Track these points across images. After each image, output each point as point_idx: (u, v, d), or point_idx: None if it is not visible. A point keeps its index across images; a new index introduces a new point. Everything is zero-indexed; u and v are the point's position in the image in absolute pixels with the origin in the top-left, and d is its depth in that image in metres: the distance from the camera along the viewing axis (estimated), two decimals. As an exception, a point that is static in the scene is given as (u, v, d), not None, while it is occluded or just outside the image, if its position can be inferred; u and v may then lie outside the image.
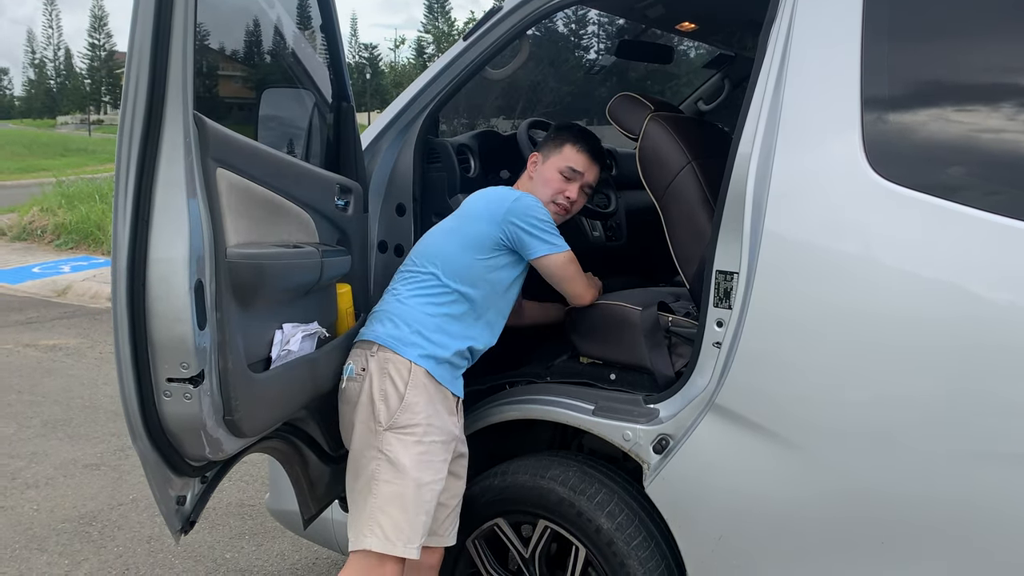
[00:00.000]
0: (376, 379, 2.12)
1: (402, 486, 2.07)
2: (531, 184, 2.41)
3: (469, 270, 2.21)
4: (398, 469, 2.07)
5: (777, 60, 1.86)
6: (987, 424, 1.66)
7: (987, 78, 1.78)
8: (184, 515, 1.88)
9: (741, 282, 1.86)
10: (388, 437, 2.09)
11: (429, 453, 2.11)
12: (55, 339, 6.88)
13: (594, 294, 2.35)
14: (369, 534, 2.06)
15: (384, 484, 2.07)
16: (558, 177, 2.38)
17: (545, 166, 2.40)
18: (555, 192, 2.37)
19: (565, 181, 2.38)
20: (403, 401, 2.10)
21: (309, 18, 2.42)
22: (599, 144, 2.47)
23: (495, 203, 2.25)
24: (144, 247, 1.60)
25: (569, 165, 2.37)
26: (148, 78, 1.58)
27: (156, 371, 1.65)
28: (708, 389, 1.93)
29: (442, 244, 2.26)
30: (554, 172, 2.38)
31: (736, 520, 1.96)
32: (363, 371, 2.15)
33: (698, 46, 4.14)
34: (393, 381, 2.12)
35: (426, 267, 2.24)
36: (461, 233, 2.25)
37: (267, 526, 3.66)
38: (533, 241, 2.22)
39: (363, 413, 2.12)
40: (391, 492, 2.07)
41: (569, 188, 2.38)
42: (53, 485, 4.09)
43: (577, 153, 2.39)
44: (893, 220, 1.73)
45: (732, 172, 1.88)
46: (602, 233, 3.04)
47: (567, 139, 2.41)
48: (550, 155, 2.41)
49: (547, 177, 2.38)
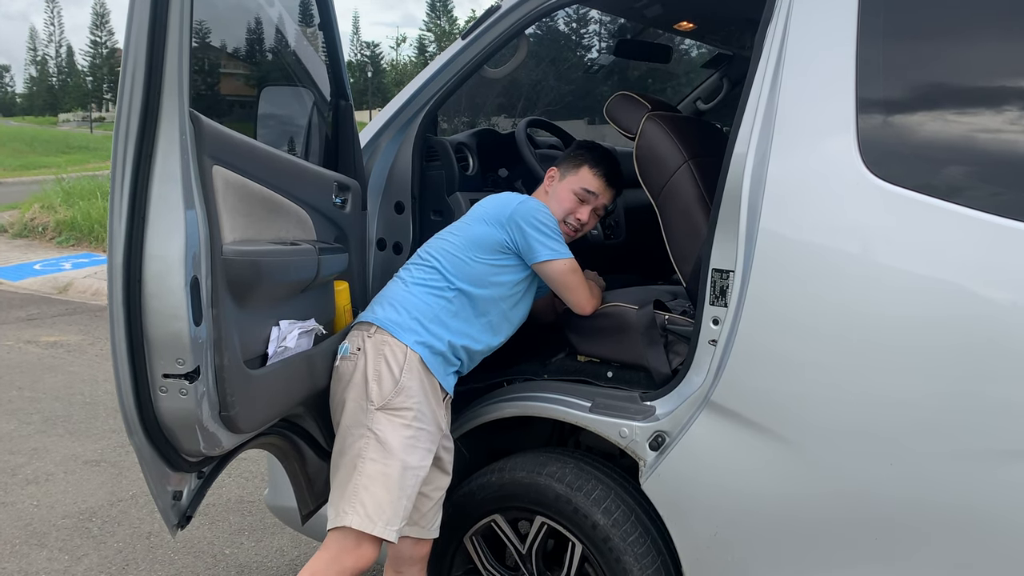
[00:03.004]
0: (371, 359, 2.13)
1: (388, 466, 2.07)
2: (546, 199, 2.40)
3: (473, 269, 2.22)
4: (386, 449, 2.08)
5: (773, 60, 1.86)
6: (983, 423, 1.67)
7: (983, 78, 1.78)
8: (180, 510, 1.89)
9: (737, 280, 1.86)
10: (379, 416, 2.10)
11: (417, 438, 2.12)
12: (56, 336, 6.89)
13: (595, 305, 2.33)
14: (350, 511, 2.04)
15: (370, 463, 2.07)
16: (572, 198, 2.37)
17: (561, 185, 2.40)
18: (567, 212, 2.37)
19: (579, 203, 2.38)
20: (397, 384, 2.11)
21: (308, 16, 2.43)
22: (618, 167, 2.45)
23: (502, 205, 2.26)
24: (140, 244, 1.61)
25: (584, 187, 2.37)
26: (144, 75, 1.58)
27: (152, 367, 1.66)
28: (704, 387, 1.94)
29: (449, 242, 2.27)
30: (568, 192, 2.38)
31: (732, 517, 1.97)
32: (358, 351, 2.15)
33: (697, 45, 4.15)
34: (388, 363, 2.13)
35: (430, 261, 2.26)
36: (468, 233, 2.27)
37: (266, 522, 3.67)
38: (536, 245, 2.22)
39: (355, 391, 2.13)
40: (376, 471, 2.06)
41: (581, 210, 2.38)
42: (53, 481, 4.10)
43: (594, 177, 2.39)
44: (888, 219, 1.73)
45: (728, 171, 1.89)
46: (600, 231, 3.04)
47: (586, 160, 2.40)
48: (567, 174, 2.40)
49: (561, 196, 2.38)
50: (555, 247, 2.23)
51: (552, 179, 2.43)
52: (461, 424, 2.42)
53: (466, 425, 2.42)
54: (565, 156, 2.48)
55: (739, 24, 3.33)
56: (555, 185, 2.41)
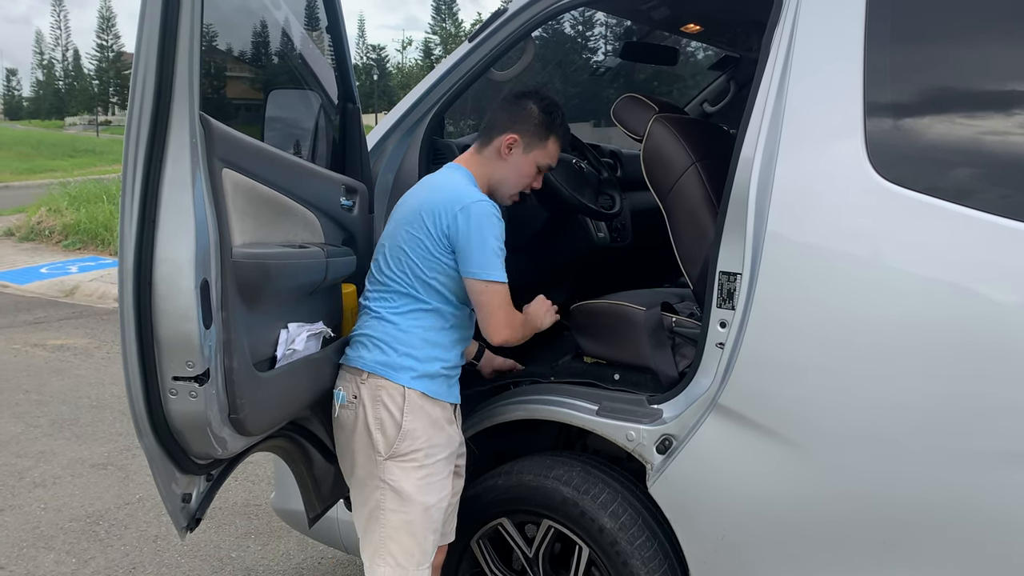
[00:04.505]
0: (370, 408, 2.06)
1: (409, 513, 2.05)
2: (502, 166, 2.16)
3: (434, 274, 2.07)
4: (403, 497, 2.05)
5: (780, 62, 1.86)
6: (989, 426, 1.67)
7: (991, 81, 1.78)
8: (189, 513, 1.89)
9: (744, 283, 1.86)
10: (389, 466, 2.05)
11: (432, 475, 2.09)
12: (63, 339, 6.91)
13: (506, 337, 2.07)
14: (381, 563, 2.08)
15: (391, 513, 2.06)
16: (534, 172, 2.20)
17: (527, 158, 2.17)
18: (526, 185, 2.22)
19: (538, 173, 2.22)
20: (401, 429, 2.05)
21: (315, 19, 2.44)
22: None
23: (448, 202, 2.04)
24: (151, 246, 1.62)
25: (550, 162, 2.22)
26: (155, 79, 1.59)
27: (162, 369, 1.66)
28: (711, 390, 1.94)
29: (403, 251, 2.08)
30: (533, 166, 2.19)
31: (739, 520, 1.97)
32: (355, 399, 2.08)
33: (704, 48, 4.14)
34: (388, 408, 2.05)
35: (394, 285, 2.09)
36: (412, 240, 2.07)
37: (273, 525, 3.67)
38: (474, 256, 2.01)
39: (360, 442, 2.08)
40: (398, 521, 2.06)
41: (538, 179, 2.24)
42: (60, 484, 4.11)
43: (559, 148, 2.23)
44: (896, 222, 1.73)
45: (735, 174, 1.89)
46: (607, 234, 3.05)
47: (554, 131, 2.19)
48: (534, 147, 2.17)
49: (523, 170, 2.18)
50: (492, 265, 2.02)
51: (512, 146, 2.15)
52: (468, 427, 2.42)
53: (473, 428, 2.42)
54: (523, 118, 2.16)
55: (746, 27, 3.33)
56: (517, 156, 2.16)
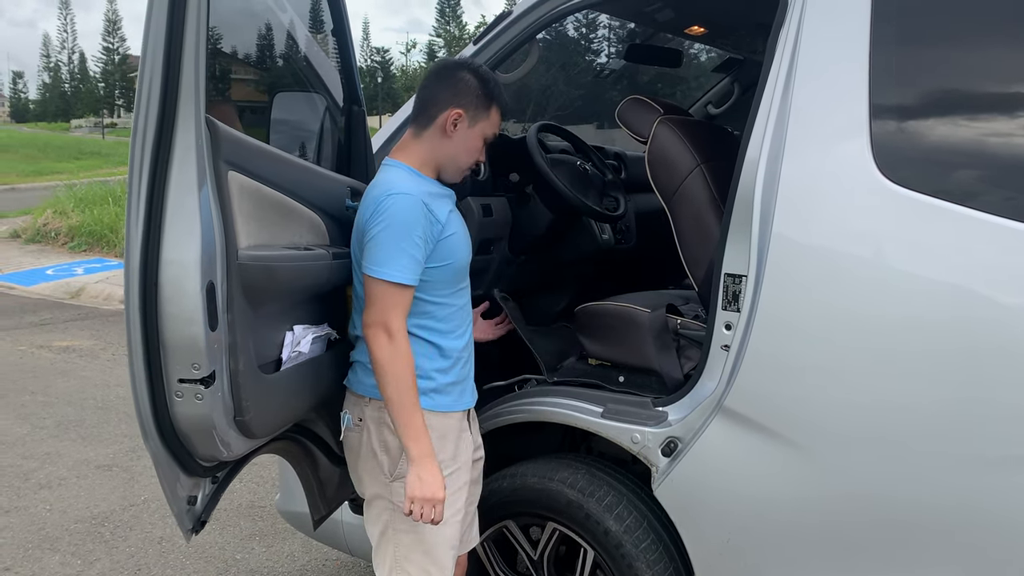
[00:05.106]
0: (374, 431, 2.03)
1: (420, 533, 2.03)
2: (448, 145, 2.03)
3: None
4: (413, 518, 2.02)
5: (785, 64, 1.86)
6: (993, 428, 1.66)
7: (996, 83, 1.78)
8: (195, 515, 1.89)
9: (749, 285, 1.86)
10: (397, 487, 2.02)
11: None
12: (68, 341, 6.92)
13: (367, 336, 1.92)
14: None
15: (402, 534, 2.04)
16: (481, 144, 2.09)
17: (473, 131, 2.04)
18: (475, 159, 2.10)
19: (484, 146, 2.10)
20: (404, 452, 1.97)
21: (320, 22, 2.44)
22: None
23: (368, 206, 1.95)
24: (156, 249, 1.62)
25: (495, 131, 2.09)
26: (161, 82, 1.59)
27: (168, 372, 1.66)
28: (716, 392, 1.94)
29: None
30: (480, 139, 2.07)
31: (744, 522, 1.96)
32: (360, 421, 2.06)
33: (708, 50, 4.15)
34: (393, 431, 1.99)
35: None
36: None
37: (277, 527, 3.68)
38: (370, 252, 1.91)
39: (368, 465, 2.06)
40: (410, 541, 2.04)
41: (483, 151, 2.12)
42: (66, 486, 4.12)
43: (501, 117, 2.10)
44: (901, 224, 1.73)
45: (740, 175, 1.89)
46: (611, 236, 3.05)
47: (496, 99, 2.05)
48: (479, 118, 2.03)
49: (471, 145, 2.06)
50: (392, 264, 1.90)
51: (458, 123, 2.01)
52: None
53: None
54: (463, 91, 2.02)
55: (750, 28, 3.33)
56: (463, 130, 2.03)
